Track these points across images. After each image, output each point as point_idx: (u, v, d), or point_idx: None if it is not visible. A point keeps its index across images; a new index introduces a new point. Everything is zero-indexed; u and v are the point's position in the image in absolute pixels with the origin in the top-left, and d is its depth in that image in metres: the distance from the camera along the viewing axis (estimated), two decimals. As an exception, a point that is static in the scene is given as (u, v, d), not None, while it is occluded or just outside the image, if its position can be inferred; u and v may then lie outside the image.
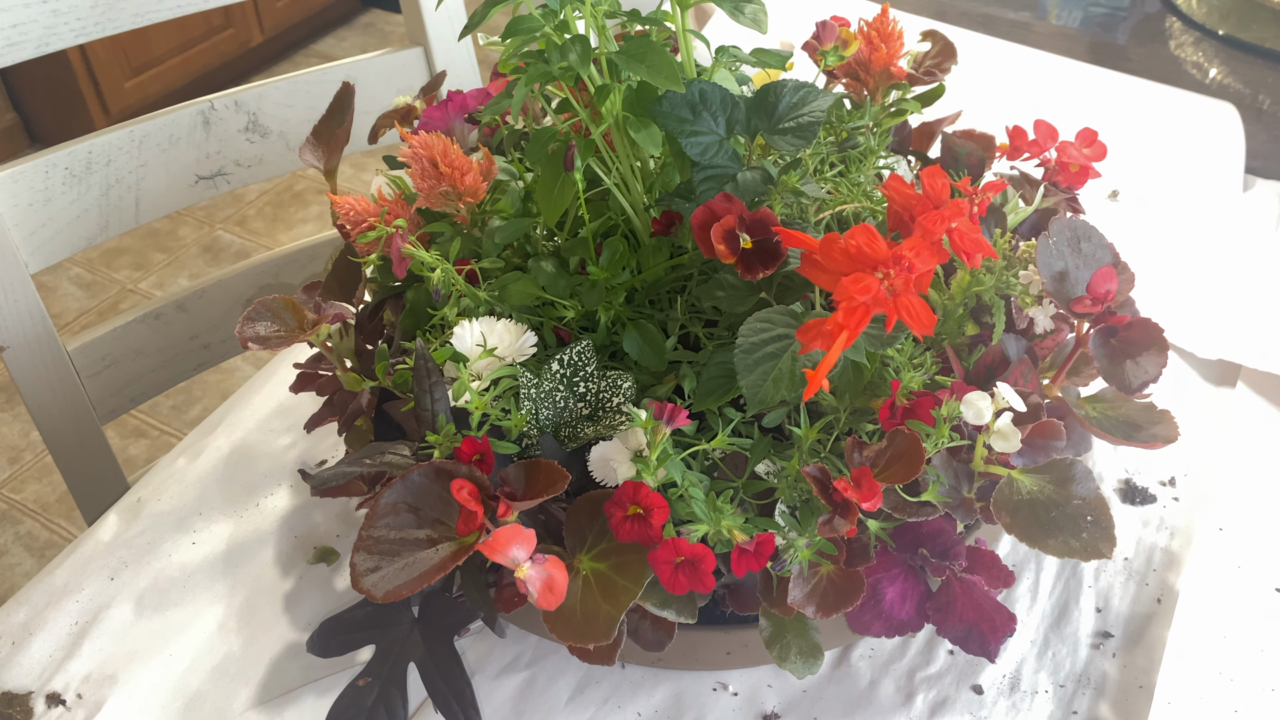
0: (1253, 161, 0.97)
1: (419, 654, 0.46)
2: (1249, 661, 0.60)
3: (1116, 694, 0.59)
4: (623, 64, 0.49)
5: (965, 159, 0.71)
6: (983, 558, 0.50)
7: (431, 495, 0.45)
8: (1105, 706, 0.58)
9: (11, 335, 0.84)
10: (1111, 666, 0.60)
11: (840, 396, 0.49)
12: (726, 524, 0.44)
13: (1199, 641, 0.60)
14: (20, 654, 0.60)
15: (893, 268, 0.40)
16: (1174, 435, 0.53)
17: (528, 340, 0.52)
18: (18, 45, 0.81)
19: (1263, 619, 0.62)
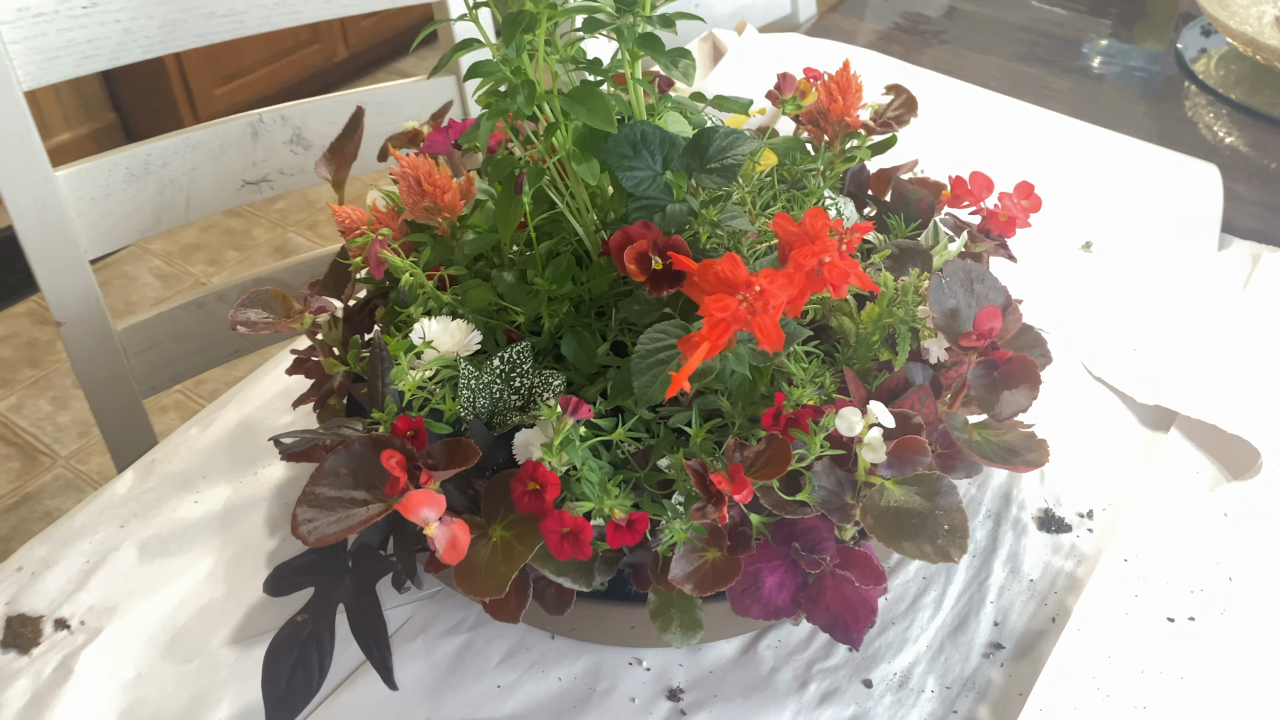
0: (1249, 223, 1.01)
1: (348, 597, 0.54)
2: (1128, 681, 0.64)
3: (997, 699, 0.64)
4: (566, 106, 0.57)
5: (915, 204, 0.77)
6: (856, 557, 0.56)
7: (368, 463, 0.53)
8: (984, 709, 0.64)
9: (68, 313, 0.95)
10: (998, 675, 0.66)
11: (734, 403, 0.56)
12: (609, 503, 0.51)
13: (1082, 658, 0.65)
14: (37, 583, 0.69)
15: (750, 292, 0.47)
16: (1044, 461, 0.58)
17: (474, 338, 0.60)
18: (92, 58, 0.92)
19: (1149, 644, 0.66)
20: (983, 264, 0.70)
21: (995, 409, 0.57)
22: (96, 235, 0.96)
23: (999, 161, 1.06)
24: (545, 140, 0.59)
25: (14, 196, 0.90)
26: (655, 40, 0.58)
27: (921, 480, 0.55)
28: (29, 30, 0.87)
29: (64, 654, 0.66)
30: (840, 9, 1.39)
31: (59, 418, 1.94)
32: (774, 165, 0.73)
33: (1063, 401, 0.83)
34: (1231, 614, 0.68)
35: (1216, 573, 0.71)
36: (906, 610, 0.69)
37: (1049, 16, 1.39)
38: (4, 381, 2.02)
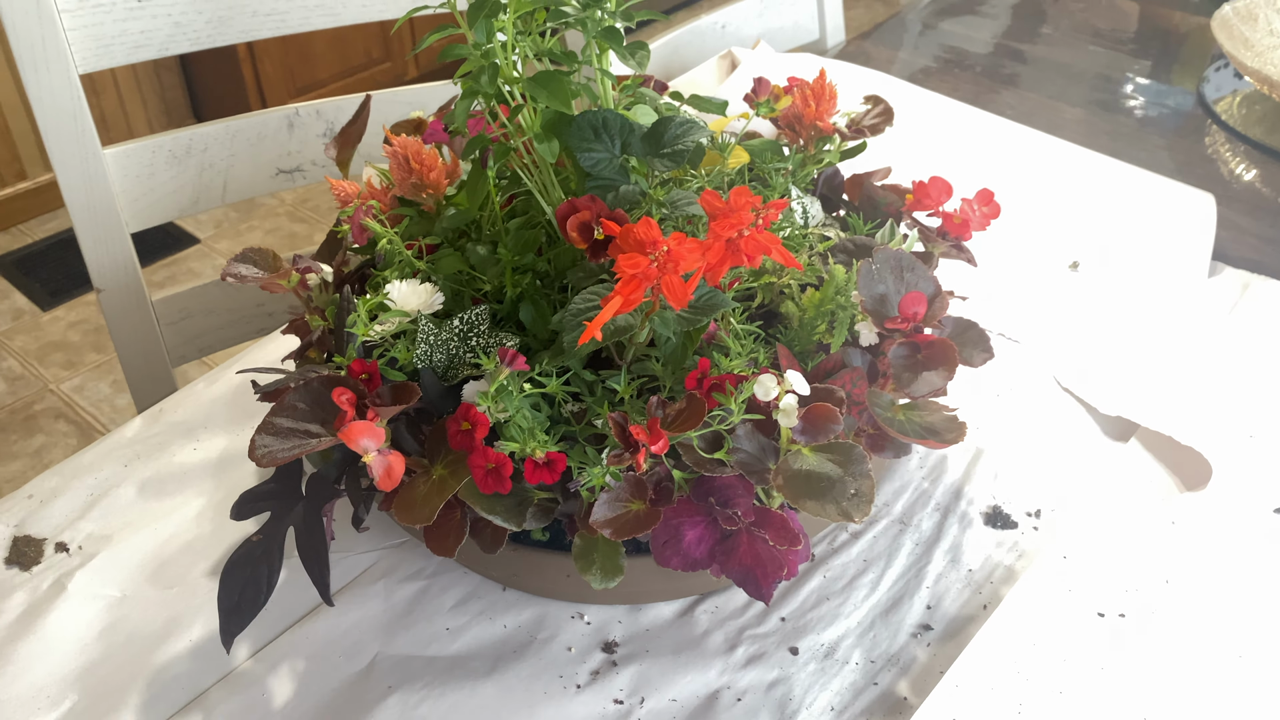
0: (1246, 253, 1.02)
1: (299, 521, 0.59)
2: (1050, 668, 0.66)
3: (918, 675, 0.67)
4: (529, 89, 0.62)
5: (884, 207, 0.80)
6: (772, 517, 0.59)
7: (324, 399, 0.58)
8: (904, 684, 0.66)
9: (107, 280, 1.03)
10: (923, 653, 0.68)
11: (665, 367, 0.60)
12: (532, 445, 0.55)
13: (1007, 642, 0.67)
14: (44, 509, 0.76)
15: (660, 251, 0.51)
16: (960, 438, 0.61)
17: (437, 299, 0.65)
18: (143, 47, 1.00)
19: (1075, 634, 0.68)
20: (933, 264, 0.73)
21: (913, 387, 0.60)
22: (138, 211, 1.04)
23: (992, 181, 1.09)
24: (511, 120, 0.64)
25: (64, 170, 0.98)
26: (616, 33, 0.63)
27: (836, 448, 0.59)
28: (87, 19, 0.96)
29: (60, 573, 0.72)
30: (870, 37, 1.43)
31: (116, 400, 2.05)
32: (745, 163, 0.77)
33: (1027, 408, 0.85)
34: (1162, 614, 0.70)
35: (1154, 575, 0.72)
36: (843, 589, 0.72)
37: (1081, 53, 1.41)
38: (71, 364, 2.13)
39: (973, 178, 1.08)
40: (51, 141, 0.96)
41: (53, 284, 2.33)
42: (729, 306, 0.58)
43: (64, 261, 2.38)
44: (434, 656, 0.67)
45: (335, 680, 0.66)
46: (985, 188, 0.76)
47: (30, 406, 2.04)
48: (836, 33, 1.45)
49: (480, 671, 0.66)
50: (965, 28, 1.46)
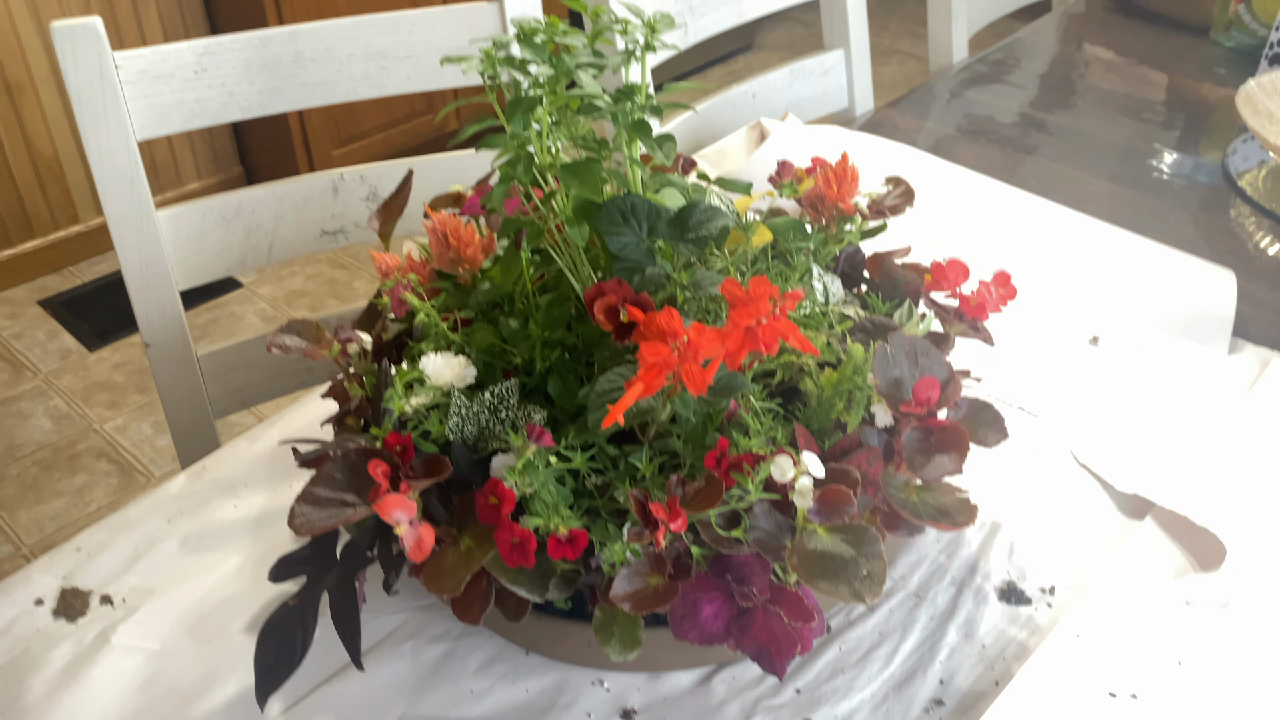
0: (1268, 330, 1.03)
1: (333, 587, 0.62)
2: (1059, 746, 0.68)
3: (929, 750, 0.68)
4: (562, 177, 0.65)
5: (904, 286, 0.83)
6: (787, 596, 0.61)
7: (360, 470, 0.61)
8: (916, 758, 0.68)
9: (156, 335, 1.07)
10: (935, 728, 0.69)
11: (685, 444, 0.63)
12: (556, 520, 0.58)
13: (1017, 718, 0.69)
14: (91, 562, 0.79)
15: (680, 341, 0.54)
16: (970, 521, 0.63)
17: (469, 372, 0.68)
18: (198, 115, 1.05)
19: (1086, 714, 0.69)
20: (949, 344, 0.75)
21: (924, 471, 0.62)
22: (188, 270, 1.08)
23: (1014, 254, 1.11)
24: (545, 205, 0.67)
25: (120, 231, 1.03)
26: (644, 126, 0.66)
27: (850, 529, 0.61)
28: (148, 89, 1.01)
29: (104, 626, 0.75)
30: (898, 106, 1.46)
31: (157, 441, 2.10)
32: (768, 242, 0.80)
33: (1044, 484, 0.87)
34: (1174, 694, 0.71)
35: (1167, 656, 0.73)
36: (858, 661, 0.73)
37: (1108, 125, 1.44)
38: (114, 403, 2.19)
39: (994, 251, 1.10)
40: (109, 204, 1.01)
41: (100, 325, 2.39)
42: (747, 389, 0.61)
43: (111, 303, 2.45)
44: (458, 718, 0.69)
45: (362, 739, 0.68)
46: (1002, 270, 0.79)
47: (74, 445, 2.10)
48: (865, 101, 1.48)
49: (502, 734, 0.69)
50: (993, 97, 1.49)
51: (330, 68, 1.09)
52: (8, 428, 2.13)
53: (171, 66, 1.01)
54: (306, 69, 1.08)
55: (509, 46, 0.64)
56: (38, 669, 0.72)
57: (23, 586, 0.78)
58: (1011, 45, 1.66)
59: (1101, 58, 1.64)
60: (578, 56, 0.66)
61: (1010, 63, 1.60)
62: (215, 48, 1.03)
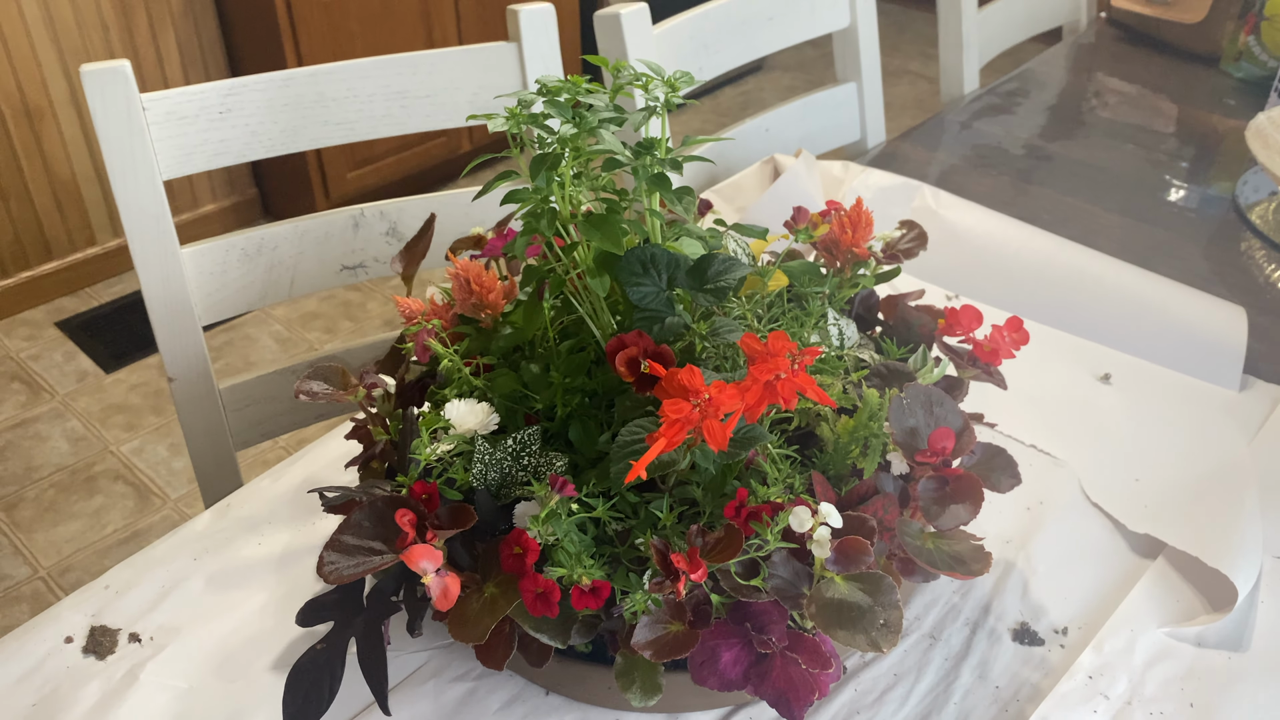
0: None
1: (360, 632, 0.64)
2: (1073, 790, 0.69)
3: (944, 793, 0.69)
4: (584, 230, 0.67)
5: (918, 329, 0.84)
6: (805, 642, 0.63)
7: (387, 518, 0.63)
8: (931, 801, 0.69)
9: (179, 370, 1.09)
10: (950, 771, 0.70)
11: (705, 493, 0.64)
12: (579, 571, 0.59)
13: (1031, 764, 0.70)
14: (119, 600, 0.81)
15: (701, 398, 0.55)
16: (985, 570, 0.64)
17: (492, 420, 0.70)
18: (222, 154, 1.07)
19: (1098, 757, 0.70)
20: (963, 390, 0.76)
21: (939, 520, 0.64)
22: (210, 305, 1.10)
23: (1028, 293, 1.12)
24: (567, 256, 0.69)
25: (145, 267, 1.04)
26: (664, 180, 0.68)
27: (867, 578, 0.62)
28: (173, 130, 1.03)
29: (132, 663, 0.77)
30: (909, 137, 1.48)
31: (173, 463, 2.12)
32: (785, 286, 0.81)
33: (1057, 523, 0.88)
34: (1186, 738, 0.72)
35: (1179, 698, 0.74)
36: (873, 703, 0.75)
37: (1120, 156, 1.45)
38: (131, 426, 2.21)
39: (1007, 287, 1.12)
40: (135, 241, 1.03)
41: (116, 347, 2.42)
42: (765, 440, 0.62)
43: (128, 325, 2.47)
44: (480, 758, 0.71)
45: (387, 779, 0.69)
46: (1014, 315, 0.80)
47: (91, 467, 2.11)
48: (877, 133, 1.50)
49: (523, 775, 0.70)
50: (1003, 128, 1.50)
51: (352, 107, 1.11)
52: (25, 449, 2.15)
53: (197, 108, 1.03)
54: (328, 109, 1.10)
55: (532, 105, 0.66)
56: (69, 706, 0.74)
57: (53, 624, 0.79)
58: (1022, 75, 1.67)
59: (1112, 88, 1.65)
60: (599, 113, 0.67)
61: (1021, 94, 1.61)
62: (239, 89, 1.05)
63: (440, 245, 1.13)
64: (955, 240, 1.17)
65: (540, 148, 0.67)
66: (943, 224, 1.19)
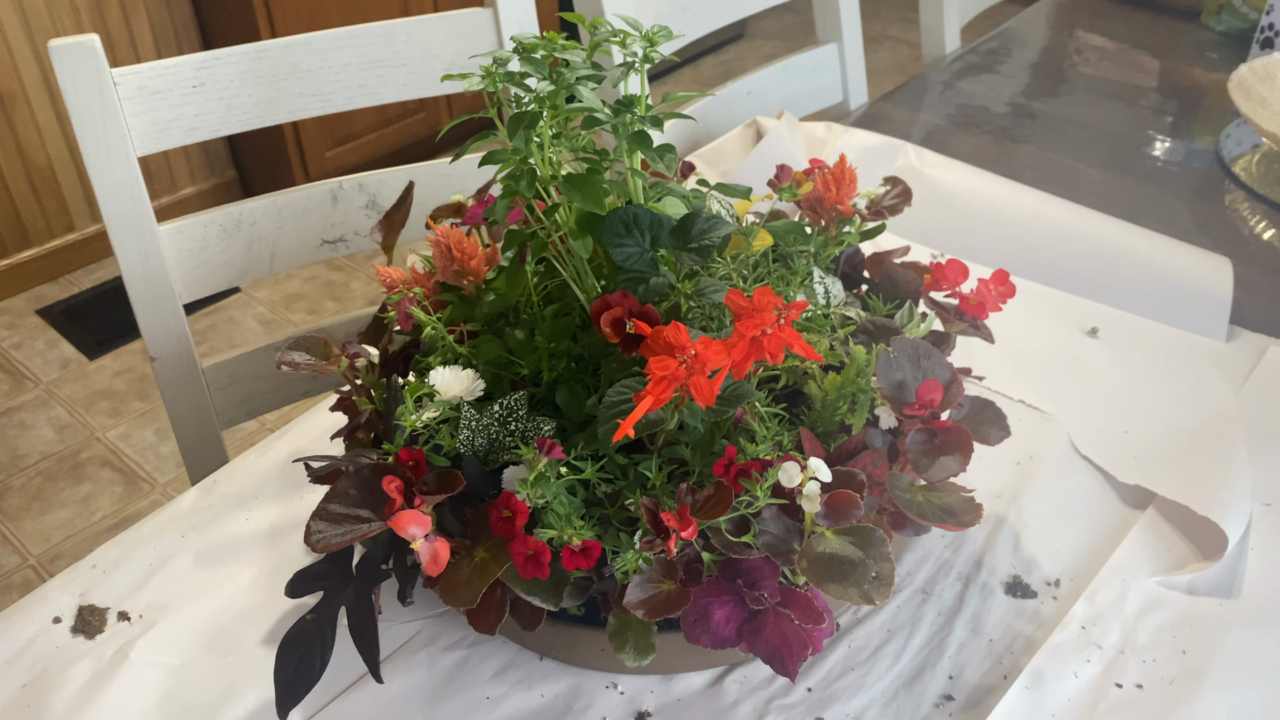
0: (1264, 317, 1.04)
1: (350, 601, 0.63)
2: (1068, 738, 0.69)
3: (940, 745, 0.69)
4: (565, 191, 0.66)
5: (904, 285, 0.84)
6: (797, 597, 0.62)
7: (374, 486, 0.62)
8: (927, 753, 0.69)
9: (161, 349, 1.08)
10: (945, 723, 0.71)
11: (693, 452, 0.64)
12: (569, 531, 0.59)
13: (1025, 714, 0.70)
14: (107, 580, 0.80)
15: (688, 355, 0.55)
16: (976, 521, 0.64)
17: (478, 386, 0.69)
18: (197, 129, 1.05)
19: (1092, 706, 0.70)
20: (950, 344, 0.76)
21: (929, 472, 0.63)
22: (191, 283, 1.09)
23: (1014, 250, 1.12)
24: (549, 218, 0.68)
25: (122, 246, 1.03)
26: (645, 137, 0.67)
27: (858, 532, 0.62)
28: (146, 105, 1.01)
29: (122, 642, 0.76)
30: (891, 98, 1.47)
31: (160, 448, 2.11)
32: (770, 245, 0.81)
33: (1047, 476, 0.88)
34: (1179, 684, 0.72)
35: (1172, 646, 0.75)
36: (867, 659, 0.75)
37: (1102, 112, 1.44)
38: (116, 412, 2.20)
39: (992, 244, 1.11)
40: (111, 220, 1.02)
41: (99, 333, 2.40)
42: (753, 398, 0.62)
43: (110, 311, 2.45)
44: (475, 725, 0.71)
45: (382, 748, 0.69)
46: (1001, 268, 0.80)
47: (77, 454, 2.10)
48: (859, 95, 1.49)
49: (519, 740, 0.70)
50: (986, 87, 1.50)
51: (327, 78, 1.09)
52: (10, 438, 2.14)
53: (170, 82, 1.02)
54: (303, 80, 1.08)
55: (509, 63, 0.65)
56: (59, 686, 0.73)
57: (40, 605, 0.78)
58: (1003, 34, 1.66)
59: (1093, 44, 1.65)
60: (576, 70, 0.66)
61: (1002, 52, 1.60)
62: (212, 61, 1.04)
63: (420, 214, 1.12)
64: (940, 198, 1.16)
65: (518, 107, 0.66)
66: (927, 182, 1.18)
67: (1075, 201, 1.18)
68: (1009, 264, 1.09)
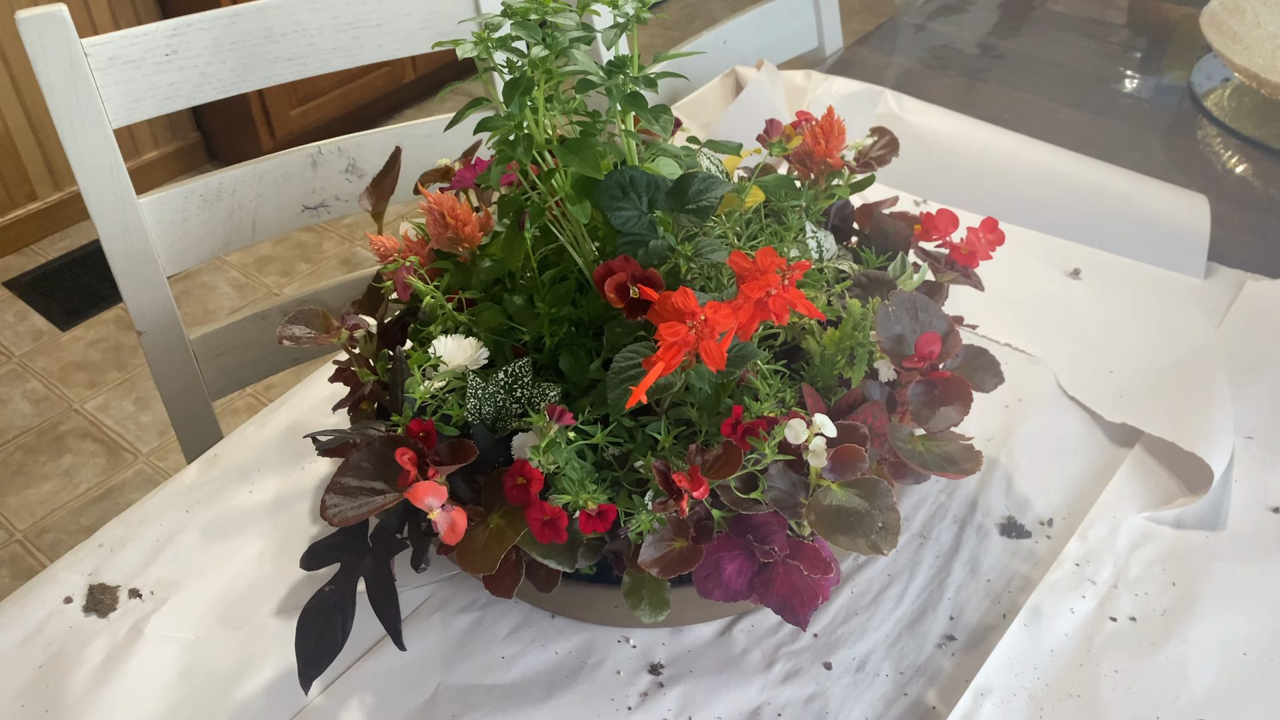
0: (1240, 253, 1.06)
1: (368, 571, 0.64)
2: (1067, 673, 0.71)
3: (945, 684, 0.72)
4: (561, 156, 0.66)
5: (894, 236, 0.85)
6: (805, 549, 0.64)
7: (386, 458, 0.63)
8: (933, 693, 0.71)
9: (148, 323, 1.07)
10: (948, 663, 0.73)
11: (701, 414, 0.65)
12: (584, 496, 0.60)
13: (1026, 650, 0.72)
14: (115, 558, 0.80)
15: (697, 320, 0.55)
16: (977, 468, 0.66)
17: (482, 354, 0.69)
18: (172, 99, 1.04)
19: (1088, 639, 0.73)
20: (943, 293, 0.77)
21: (930, 423, 0.65)
22: (174, 255, 1.08)
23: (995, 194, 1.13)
24: (545, 183, 0.68)
25: (103, 220, 1.02)
26: (640, 99, 0.67)
27: (862, 484, 0.63)
28: (119, 76, 0.99)
29: (136, 619, 0.77)
30: (866, 43, 1.46)
31: (141, 417, 2.10)
32: (761, 201, 0.81)
33: (1036, 418, 0.90)
34: (1170, 614, 0.75)
35: (1162, 579, 0.77)
36: (870, 603, 0.77)
37: (1074, 50, 1.45)
38: (93, 383, 2.18)
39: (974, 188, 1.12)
40: (90, 195, 1.00)
41: (69, 303, 2.36)
42: (758, 357, 0.63)
43: (79, 280, 2.42)
44: (493, 685, 0.72)
45: (403, 712, 0.71)
46: (990, 216, 0.81)
47: (57, 427, 2.09)
48: (834, 40, 1.49)
49: (537, 697, 0.71)
50: (959, 28, 1.49)
51: (301, 42, 1.08)
52: (-13, 413, 2.12)
53: (142, 51, 1.00)
54: (277, 44, 1.07)
55: (500, 28, 0.65)
56: (76, 665, 0.74)
57: (50, 586, 0.79)
58: (974, -27, 1.66)
59: (1063, -19, 1.64)
60: (568, 32, 0.66)
61: (974, -8, 1.60)
62: (184, 28, 1.02)
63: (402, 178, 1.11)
64: (921, 145, 1.17)
65: (511, 72, 0.66)
66: (907, 128, 1.19)
67: (1053, 142, 1.19)
68: (992, 208, 1.10)
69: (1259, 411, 0.89)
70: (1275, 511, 0.81)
